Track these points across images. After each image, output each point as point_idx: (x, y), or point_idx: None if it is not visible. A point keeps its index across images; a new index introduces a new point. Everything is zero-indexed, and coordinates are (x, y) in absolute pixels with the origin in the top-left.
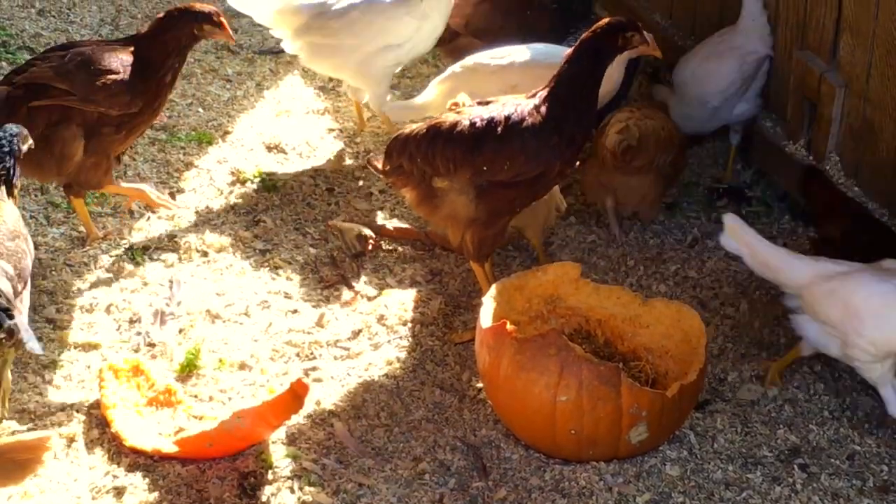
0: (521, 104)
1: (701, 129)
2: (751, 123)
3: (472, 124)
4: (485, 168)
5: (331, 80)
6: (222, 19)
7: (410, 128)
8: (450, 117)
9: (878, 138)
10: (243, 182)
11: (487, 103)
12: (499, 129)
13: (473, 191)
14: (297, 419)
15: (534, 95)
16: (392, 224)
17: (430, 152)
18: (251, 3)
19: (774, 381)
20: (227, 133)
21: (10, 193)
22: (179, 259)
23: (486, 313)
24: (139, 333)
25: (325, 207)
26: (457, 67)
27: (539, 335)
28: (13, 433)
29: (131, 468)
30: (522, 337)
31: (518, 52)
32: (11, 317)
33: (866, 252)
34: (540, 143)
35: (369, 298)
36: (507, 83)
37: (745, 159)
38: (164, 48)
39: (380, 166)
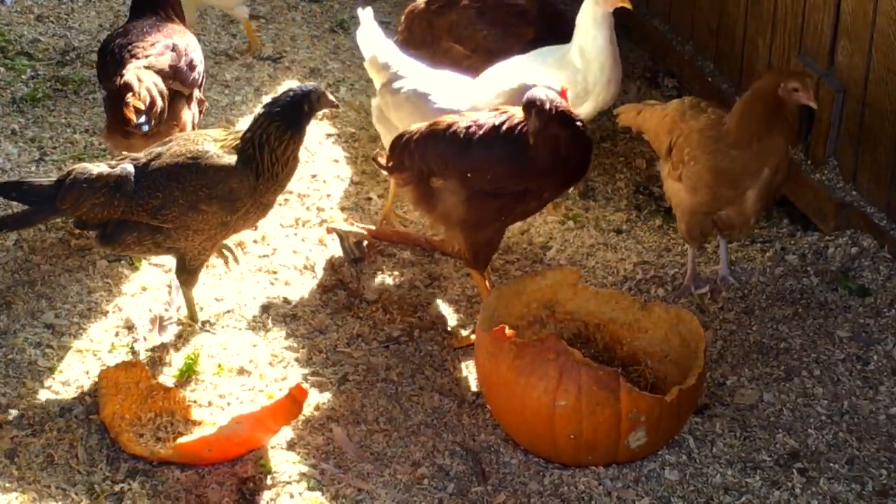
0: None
1: None
2: None
3: (467, 128)
4: (469, 174)
5: (329, 85)
6: None
7: (415, 126)
8: (450, 118)
9: (877, 143)
10: None
11: (497, 111)
12: (488, 137)
13: (465, 192)
14: (296, 424)
15: None
16: (391, 229)
17: (426, 150)
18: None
19: None
20: None
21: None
22: None
23: (485, 318)
24: (137, 339)
25: (324, 212)
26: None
27: (538, 340)
28: (13, 438)
29: (130, 473)
30: (521, 342)
31: (518, 66)
32: None
33: None
34: (528, 160)
35: (368, 303)
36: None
37: None
38: None
39: (384, 162)
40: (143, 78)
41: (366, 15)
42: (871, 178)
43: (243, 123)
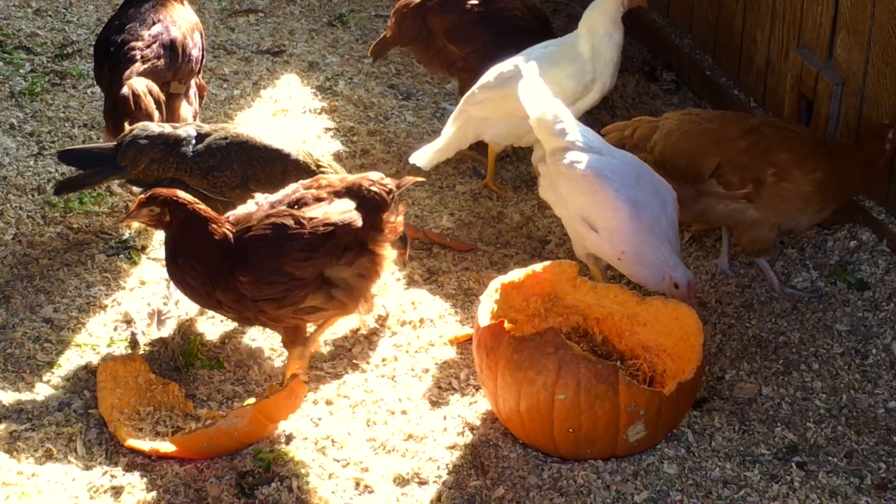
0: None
1: None
2: None
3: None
4: None
5: (328, 79)
6: None
7: None
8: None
9: None
10: None
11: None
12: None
13: None
14: (295, 418)
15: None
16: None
17: None
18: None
19: None
20: None
21: None
22: None
23: (484, 312)
24: (136, 333)
25: None
26: (464, 98)
27: (536, 334)
28: (12, 433)
29: (129, 468)
30: (520, 335)
31: (522, 63)
32: None
33: None
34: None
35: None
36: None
37: None
38: None
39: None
40: (139, 92)
41: (530, 69)
42: None
43: (241, 117)
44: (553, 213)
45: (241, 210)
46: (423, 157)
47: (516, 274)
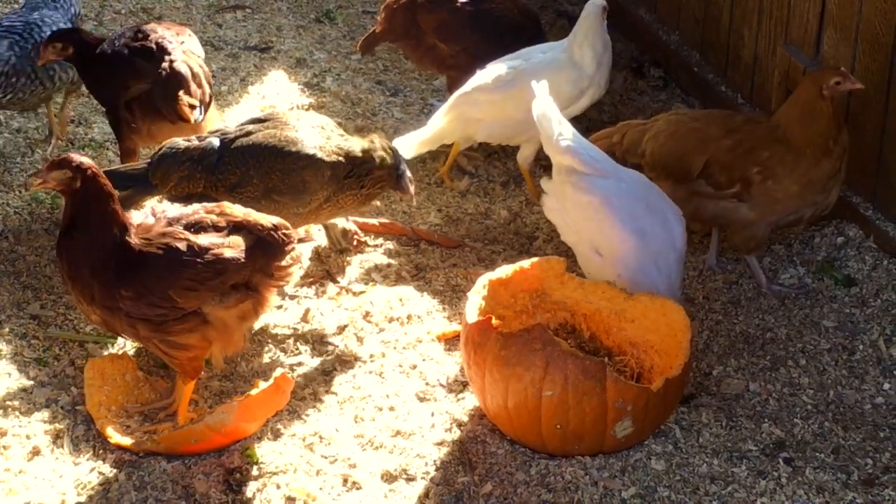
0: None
1: None
2: None
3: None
4: None
5: (315, 75)
6: None
7: None
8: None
9: (862, 132)
10: None
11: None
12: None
13: None
14: (283, 414)
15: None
16: (377, 220)
17: None
18: None
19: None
20: None
21: None
22: None
23: (472, 308)
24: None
25: None
26: (458, 95)
27: (524, 330)
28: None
29: (117, 464)
30: (507, 332)
31: (519, 65)
32: None
33: None
34: None
35: (354, 294)
36: (524, 104)
37: None
38: None
39: None
40: (192, 65)
41: (542, 89)
42: (856, 167)
43: (229, 114)
44: (540, 209)
45: (140, 218)
46: (408, 145)
47: (504, 270)
